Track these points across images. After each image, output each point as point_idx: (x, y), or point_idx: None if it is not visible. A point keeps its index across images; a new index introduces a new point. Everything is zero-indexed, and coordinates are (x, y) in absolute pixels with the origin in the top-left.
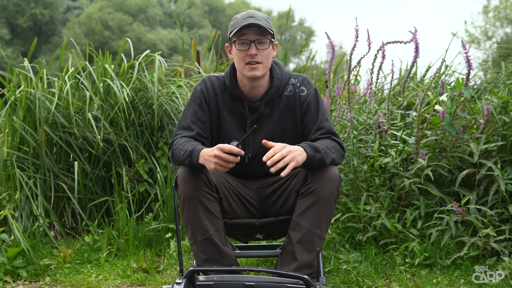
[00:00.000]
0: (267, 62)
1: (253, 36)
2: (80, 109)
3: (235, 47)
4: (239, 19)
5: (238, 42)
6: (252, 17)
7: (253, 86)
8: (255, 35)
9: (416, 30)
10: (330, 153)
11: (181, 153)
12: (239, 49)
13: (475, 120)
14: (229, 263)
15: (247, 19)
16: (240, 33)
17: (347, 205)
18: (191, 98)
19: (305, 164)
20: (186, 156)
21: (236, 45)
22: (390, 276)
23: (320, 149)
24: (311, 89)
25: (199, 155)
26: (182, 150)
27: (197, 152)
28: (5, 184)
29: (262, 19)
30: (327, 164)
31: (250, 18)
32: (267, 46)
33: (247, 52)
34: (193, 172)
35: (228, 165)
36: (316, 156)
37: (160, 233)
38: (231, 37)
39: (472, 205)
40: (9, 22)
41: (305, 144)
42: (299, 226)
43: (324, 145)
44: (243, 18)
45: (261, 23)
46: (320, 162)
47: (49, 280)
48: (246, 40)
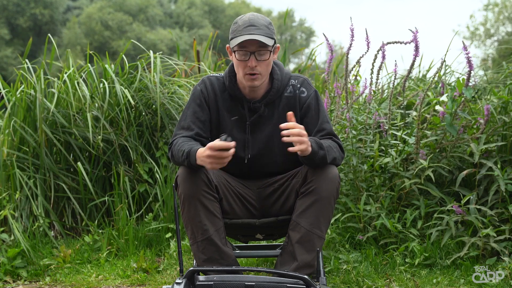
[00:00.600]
0: (267, 71)
1: (253, 47)
2: (80, 109)
3: (235, 56)
4: (240, 26)
5: (238, 53)
6: (253, 26)
7: (252, 88)
8: (255, 46)
9: (417, 30)
10: (332, 152)
11: (179, 154)
12: (239, 59)
13: (475, 120)
14: (229, 263)
15: (248, 28)
16: (241, 45)
17: (347, 205)
18: (191, 98)
19: (308, 157)
20: (184, 157)
21: (236, 54)
22: (390, 276)
23: (324, 146)
24: (311, 91)
25: (196, 157)
26: (180, 151)
27: (194, 153)
28: (5, 184)
29: (263, 27)
30: (328, 163)
31: (251, 27)
32: (267, 57)
33: (247, 63)
34: (193, 172)
35: (223, 161)
36: (320, 152)
37: (160, 233)
38: (231, 43)
39: (472, 205)
40: (9, 22)
41: (311, 139)
42: (298, 226)
43: (327, 143)
44: (244, 26)
45: (262, 33)
46: (322, 159)
47: (49, 280)
48: (246, 52)
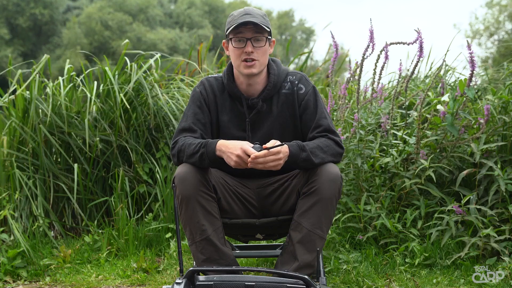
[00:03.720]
0: (264, 59)
1: (249, 33)
2: (79, 111)
3: (232, 44)
4: (236, 16)
5: (235, 40)
6: (248, 14)
7: (250, 83)
8: (251, 32)
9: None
10: (320, 152)
11: (191, 146)
12: (235, 47)
13: (476, 120)
14: (229, 263)
15: (244, 16)
16: (237, 31)
17: (347, 205)
18: (191, 100)
19: (289, 162)
20: (199, 147)
21: (232, 42)
22: (390, 276)
23: (307, 148)
24: (309, 87)
25: (215, 147)
26: (192, 144)
27: (213, 144)
28: (4, 184)
29: (258, 16)
30: (315, 164)
31: (247, 15)
32: (264, 43)
33: (243, 50)
34: (190, 172)
35: (246, 166)
36: (302, 154)
37: (160, 233)
38: (227, 34)
39: (472, 205)
40: (9, 22)
41: (293, 143)
42: (300, 226)
43: (314, 144)
44: (239, 15)
45: (258, 20)
46: (306, 161)
47: (49, 280)
48: (243, 38)
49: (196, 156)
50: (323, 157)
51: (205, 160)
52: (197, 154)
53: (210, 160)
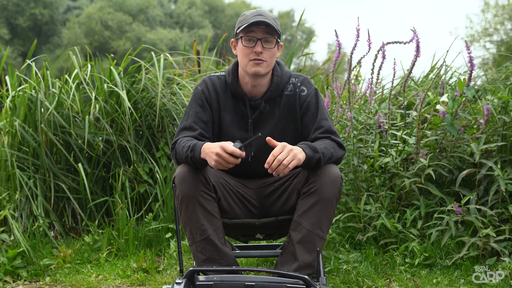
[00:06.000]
0: (271, 61)
1: (260, 34)
2: (81, 110)
3: (241, 43)
4: (248, 16)
5: (245, 38)
6: (261, 15)
7: (254, 84)
8: (262, 33)
9: (415, 31)
10: (328, 153)
11: (184, 149)
12: (245, 45)
13: (475, 120)
14: (229, 263)
15: (257, 16)
16: (248, 30)
17: (347, 205)
18: (192, 98)
19: (304, 164)
20: (188, 151)
21: (242, 41)
22: (390, 276)
23: (319, 149)
24: (312, 89)
25: (201, 150)
26: (184, 147)
27: (199, 147)
28: (5, 184)
29: (271, 18)
30: (323, 164)
31: (260, 16)
32: (273, 45)
33: (253, 49)
34: (190, 172)
35: (228, 166)
36: (315, 156)
37: (160, 233)
38: (238, 33)
39: (472, 205)
40: (8, 22)
41: (303, 145)
42: (300, 226)
43: (322, 145)
44: (252, 15)
45: (270, 22)
46: (318, 163)
47: (49, 280)
48: (253, 37)
49: (187, 159)
50: (331, 157)
51: (195, 164)
52: (188, 157)
53: (198, 163)
